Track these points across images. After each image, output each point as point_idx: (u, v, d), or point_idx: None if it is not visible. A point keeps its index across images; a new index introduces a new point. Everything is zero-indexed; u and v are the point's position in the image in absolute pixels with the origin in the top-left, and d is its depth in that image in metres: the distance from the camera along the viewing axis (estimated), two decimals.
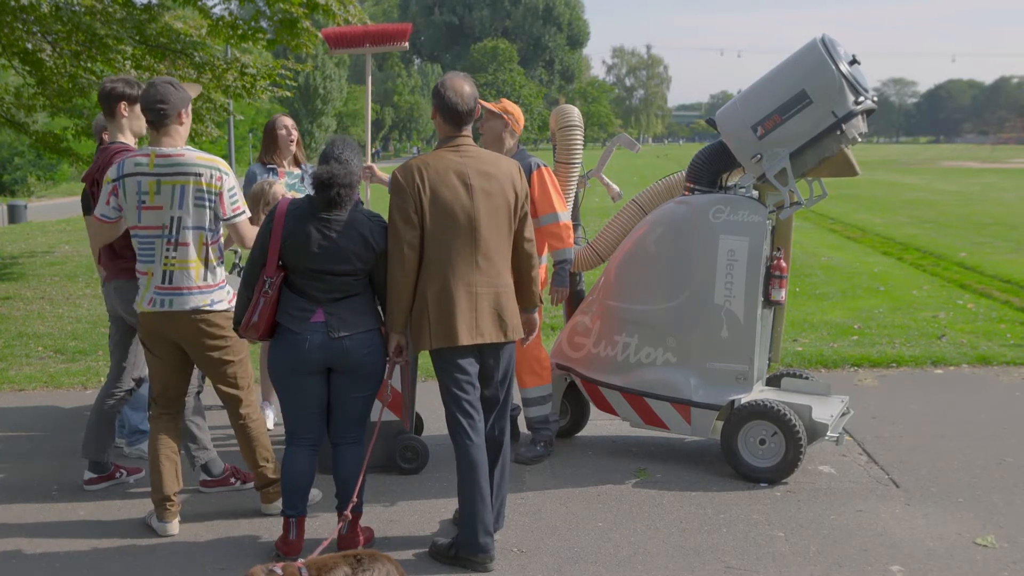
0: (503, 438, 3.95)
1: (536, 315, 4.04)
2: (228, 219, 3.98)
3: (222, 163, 4.02)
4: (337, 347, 3.67)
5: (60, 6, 10.22)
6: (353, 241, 3.66)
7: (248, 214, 4.06)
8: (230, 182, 3.98)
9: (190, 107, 4.04)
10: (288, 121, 5.46)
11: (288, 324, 3.69)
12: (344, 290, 3.71)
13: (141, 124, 4.35)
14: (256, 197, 4.82)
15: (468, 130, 3.84)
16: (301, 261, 3.66)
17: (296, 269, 3.69)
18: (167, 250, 3.94)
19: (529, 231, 3.90)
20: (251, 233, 3.98)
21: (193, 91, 4.15)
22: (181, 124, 3.97)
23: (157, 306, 3.96)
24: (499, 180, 3.76)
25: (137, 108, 4.28)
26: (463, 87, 3.80)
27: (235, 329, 3.83)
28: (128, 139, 4.42)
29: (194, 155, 3.93)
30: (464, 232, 3.70)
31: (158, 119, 3.91)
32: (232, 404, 4.17)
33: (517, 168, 3.87)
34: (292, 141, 5.44)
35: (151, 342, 4.08)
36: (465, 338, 3.70)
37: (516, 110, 4.86)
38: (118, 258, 4.41)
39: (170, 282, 3.95)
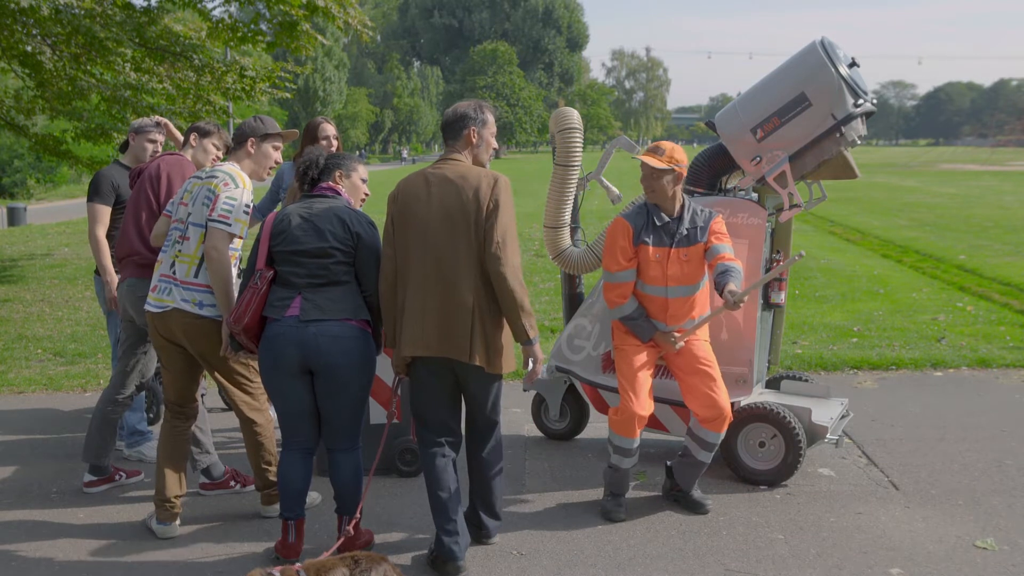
0: (481, 453, 3.93)
1: (533, 348, 3.73)
2: (210, 219, 3.97)
3: (241, 177, 4.08)
4: (309, 336, 3.65)
5: (60, 9, 10.21)
6: (330, 222, 3.73)
7: (233, 230, 3.97)
8: (234, 192, 4.00)
9: (260, 138, 4.23)
10: (332, 130, 5.18)
11: (269, 313, 3.73)
12: (323, 276, 3.71)
13: (205, 157, 4.69)
14: (296, 192, 4.80)
15: (455, 146, 3.81)
16: (283, 244, 3.73)
17: (279, 256, 3.75)
18: (178, 242, 4.08)
19: (496, 248, 3.60)
20: (221, 246, 3.93)
21: (288, 136, 4.45)
22: (247, 153, 4.21)
23: (160, 294, 4.05)
24: (460, 188, 3.66)
25: (205, 142, 4.71)
26: (455, 106, 3.91)
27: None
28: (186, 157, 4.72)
29: (228, 166, 4.14)
30: (419, 240, 3.68)
31: (233, 145, 4.30)
32: (239, 406, 4.19)
33: (488, 179, 3.68)
34: (333, 151, 5.27)
35: (159, 350, 4.18)
36: (406, 348, 3.69)
37: (683, 156, 4.31)
38: (135, 254, 4.48)
39: (173, 272, 4.06)
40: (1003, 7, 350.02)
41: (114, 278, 4.99)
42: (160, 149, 5.09)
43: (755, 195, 4.82)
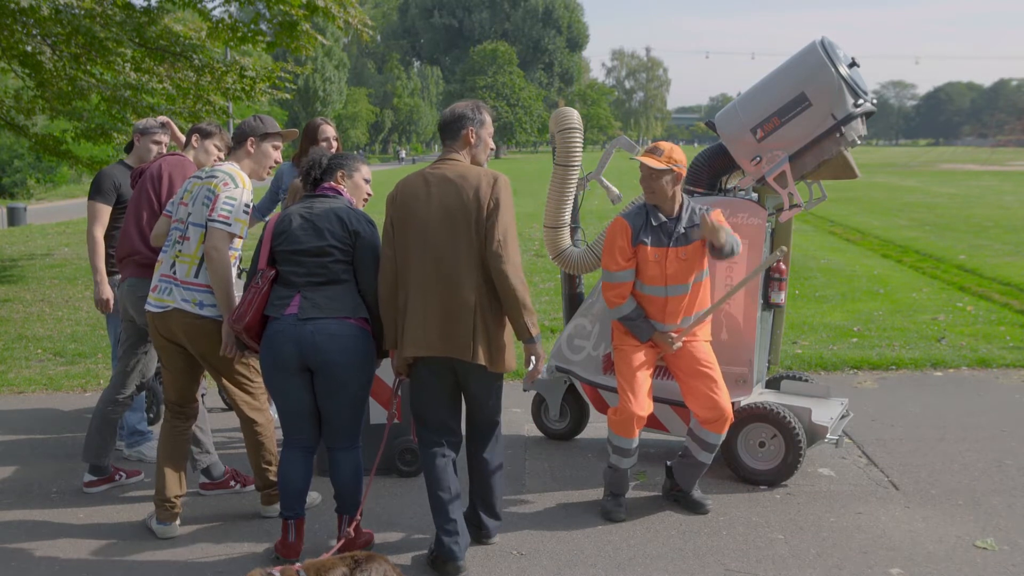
0: (481, 453, 3.94)
1: (535, 346, 3.74)
2: (210, 219, 3.97)
3: (241, 177, 4.08)
4: (306, 334, 3.66)
5: (60, 9, 10.21)
6: (329, 221, 3.75)
7: (233, 230, 3.98)
8: (234, 192, 4.01)
9: (260, 137, 4.24)
10: (331, 132, 5.17)
11: (270, 312, 3.75)
12: (322, 274, 3.72)
13: (207, 158, 4.70)
14: (295, 191, 4.80)
15: (454, 147, 3.81)
16: (283, 244, 3.75)
17: (280, 256, 3.77)
18: (178, 242, 4.09)
19: (497, 247, 3.62)
20: (221, 246, 3.94)
21: (288, 135, 4.45)
22: (246, 153, 4.22)
23: (160, 294, 4.06)
24: (459, 187, 3.67)
25: (207, 143, 4.73)
26: (453, 107, 3.91)
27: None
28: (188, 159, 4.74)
29: (227, 165, 4.14)
30: (419, 240, 3.68)
31: (233, 145, 4.32)
32: (240, 406, 4.20)
33: (488, 178, 3.69)
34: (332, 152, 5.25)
35: (160, 350, 4.19)
36: (409, 349, 3.69)
37: (682, 157, 4.29)
38: (136, 254, 4.48)
39: (174, 272, 4.06)
40: (1003, 7, 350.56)
41: (104, 279, 4.99)
42: (165, 150, 5.09)
43: (755, 195, 4.82)
